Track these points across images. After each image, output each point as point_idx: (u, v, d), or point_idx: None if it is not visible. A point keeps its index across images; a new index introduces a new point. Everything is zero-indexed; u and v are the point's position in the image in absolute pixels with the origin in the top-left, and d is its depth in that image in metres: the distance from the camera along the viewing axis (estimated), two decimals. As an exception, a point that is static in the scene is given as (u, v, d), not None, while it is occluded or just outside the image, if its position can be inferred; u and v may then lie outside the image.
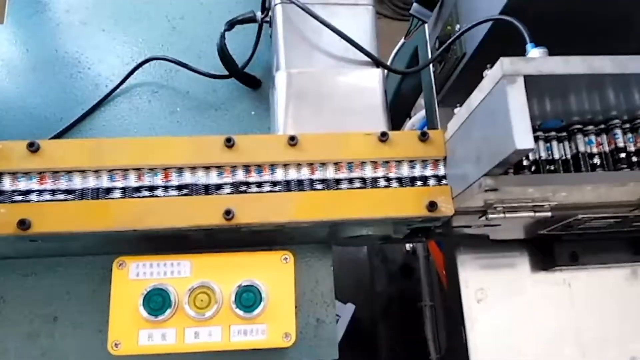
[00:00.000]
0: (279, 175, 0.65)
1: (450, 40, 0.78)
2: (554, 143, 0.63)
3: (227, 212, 0.61)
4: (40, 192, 0.61)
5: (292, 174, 0.65)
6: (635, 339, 0.93)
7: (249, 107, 0.83)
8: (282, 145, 0.65)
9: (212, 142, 0.64)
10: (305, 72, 0.71)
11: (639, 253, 0.97)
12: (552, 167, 0.63)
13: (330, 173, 0.66)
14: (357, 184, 0.66)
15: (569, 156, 0.64)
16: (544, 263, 0.94)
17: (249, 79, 0.82)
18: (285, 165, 0.65)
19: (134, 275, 0.64)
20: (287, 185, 0.65)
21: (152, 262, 0.65)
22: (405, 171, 0.67)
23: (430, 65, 0.98)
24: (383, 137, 0.67)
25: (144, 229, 0.61)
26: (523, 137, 0.49)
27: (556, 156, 0.64)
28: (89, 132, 0.81)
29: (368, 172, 0.67)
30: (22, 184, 0.61)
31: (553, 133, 0.64)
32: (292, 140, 0.65)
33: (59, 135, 0.81)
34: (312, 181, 0.65)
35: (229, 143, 0.64)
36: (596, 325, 0.93)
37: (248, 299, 0.63)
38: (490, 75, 0.54)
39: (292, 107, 0.70)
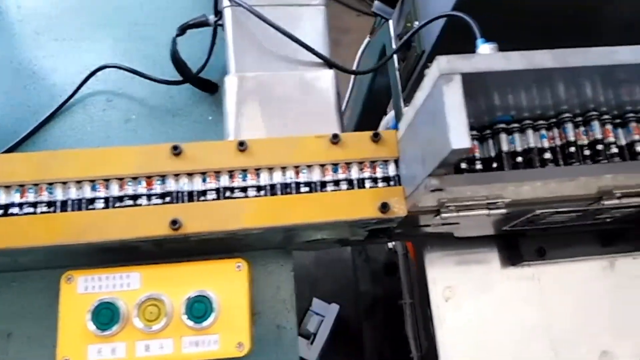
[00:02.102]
0: (227, 182, 0.64)
1: (404, 38, 0.77)
2: (503, 136, 0.62)
3: (174, 222, 0.60)
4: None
5: (241, 181, 0.64)
6: (607, 332, 0.92)
7: (207, 112, 0.82)
8: (231, 152, 0.64)
9: (159, 151, 0.63)
10: (255, 76, 0.70)
11: (608, 245, 0.97)
12: (496, 165, 0.62)
13: (280, 178, 0.65)
14: (309, 188, 0.65)
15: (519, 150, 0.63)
16: (511, 259, 0.94)
17: (205, 84, 0.81)
18: (233, 172, 0.64)
19: (82, 290, 0.63)
20: (236, 192, 0.63)
21: (100, 276, 0.64)
22: (357, 173, 0.66)
23: (395, 63, 0.97)
24: (334, 139, 0.66)
25: (88, 242, 0.60)
26: (459, 137, 0.48)
27: (505, 149, 0.63)
28: (44, 144, 0.80)
29: (320, 176, 0.65)
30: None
31: (503, 126, 0.63)
32: (242, 146, 0.64)
33: (13, 148, 0.79)
34: (261, 187, 0.64)
35: (176, 151, 0.63)
36: (567, 319, 0.92)
37: (199, 309, 0.62)
38: (429, 74, 0.53)
39: (242, 112, 0.69)
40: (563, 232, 0.94)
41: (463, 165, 0.62)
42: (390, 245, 1.72)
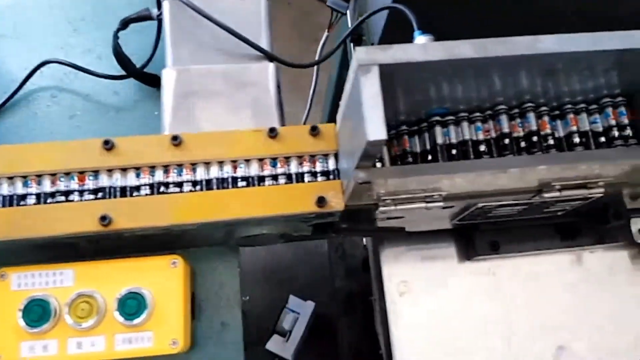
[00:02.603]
0: (162, 177, 0.63)
1: (347, 31, 0.76)
2: (438, 129, 0.61)
3: (103, 218, 0.59)
4: None
5: (176, 176, 0.63)
6: (564, 327, 0.91)
7: (153, 107, 0.81)
8: (164, 146, 0.63)
9: (90, 146, 0.62)
10: (192, 69, 0.69)
11: (569, 239, 0.96)
12: (431, 158, 0.61)
13: (217, 173, 0.64)
14: (246, 183, 0.64)
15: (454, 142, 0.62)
16: (467, 253, 0.93)
17: (150, 78, 0.80)
18: (168, 167, 0.63)
19: (15, 287, 0.62)
20: (171, 188, 0.63)
21: (34, 272, 0.63)
22: (296, 167, 0.65)
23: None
24: (272, 133, 0.65)
25: (20, 238, 0.59)
26: (375, 129, 0.47)
27: (440, 142, 0.62)
28: (-12, 142, 0.79)
29: (258, 170, 0.65)
30: None
31: (438, 118, 0.63)
32: (175, 140, 0.63)
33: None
34: (197, 182, 0.63)
35: (107, 145, 0.62)
36: (523, 314, 0.91)
37: (131, 306, 0.61)
38: (351, 66, 0.52)
39: (179, 106, 0.68)
40: (520, 226, 0.94)
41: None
42: (364, 241, 1.71)
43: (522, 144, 0.62)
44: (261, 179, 0.64)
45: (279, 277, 1.97)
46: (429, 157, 0.62)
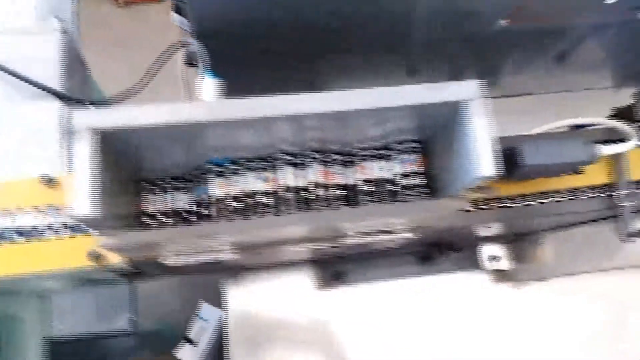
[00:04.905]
0: None
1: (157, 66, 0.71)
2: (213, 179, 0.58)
3: None
4: None
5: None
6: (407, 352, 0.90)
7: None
8: None
9: None
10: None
11: (425, 266, 0.95)
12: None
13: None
14: (20, 236, 0.60)
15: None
16: (317, 283, 0.91)
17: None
18: None
19: None
20: None
21: None
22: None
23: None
24: (50, 182, 0.61)
25: None
26: (83, 203, 0.43)
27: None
28: None
29: (31, 221, 0.60)
30: None
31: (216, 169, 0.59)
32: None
33: None
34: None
35: None
36: (367, 341, 0.90)
37: None
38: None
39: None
40: (370, 257, 0.92)
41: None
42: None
43: (305, 195, 0.59)
44: (39, 231, 0.60)
45: (193, 282, 1.93)
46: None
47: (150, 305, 1.97)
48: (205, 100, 0.60)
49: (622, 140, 0.68)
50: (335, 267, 0.90)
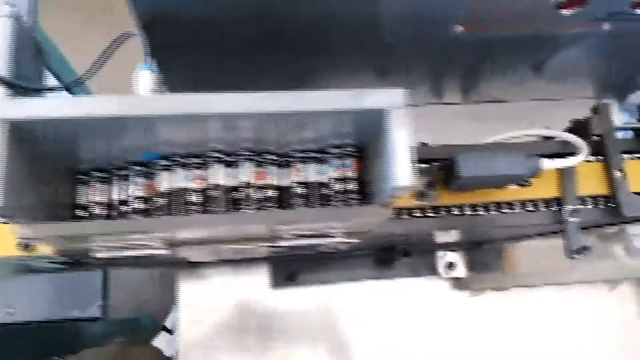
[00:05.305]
0: None
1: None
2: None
3: None
4: None
5: None
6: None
7: None
8: None
9: None
10: None
11: (383, 269, 0.95)
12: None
13: None
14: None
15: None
16: (271, 282, 0.91)
17: None
18: None
19: None
20: None
21: None
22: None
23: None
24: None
25: None
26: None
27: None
28: None
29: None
30: None
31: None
32: None
33: None
34: None
35: None
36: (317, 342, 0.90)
37: None
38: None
39: None
40: (333, 259, 0.92)
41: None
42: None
43: (235, 195, 0.58)
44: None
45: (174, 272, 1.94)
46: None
47: (131, 294, 1.99)
48: (139, 93, 0.60)
49: (573, 154, 0.67)
50: (290, 267, 0.89)
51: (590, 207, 0.69)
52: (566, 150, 0.71)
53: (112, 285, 2.04)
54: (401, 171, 0.48)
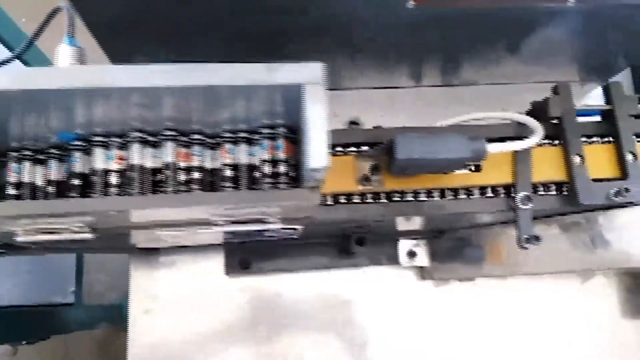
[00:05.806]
0: None
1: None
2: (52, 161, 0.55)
3: None
4: None
5: None
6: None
7: None
8: None
9: None
10: None
11: (342, 258, 0.92)
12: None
13: None
14: None
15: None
16: (225, 269, 0.88)
17: None
18: None
19: None
20: None
21: None
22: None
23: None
24: None
25: None
26: None
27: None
28: None
29: None
30: None
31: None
32: None
33: None
34: None
35: None
36: (267, 330, 0.87)
37: None
38: None
39: None
40: (289, 247, 0.89)
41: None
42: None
43: (158, 176, 0.55)
44: None
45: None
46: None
47: (117, 279, 1.98)
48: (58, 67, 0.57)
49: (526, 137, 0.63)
50: (243, 254, 0.87)
51: (543, 194, 0.66)
52: (525, 134, 0.67)
53: (98, 270, 2.04)
54: (315, 152, 0.45)
